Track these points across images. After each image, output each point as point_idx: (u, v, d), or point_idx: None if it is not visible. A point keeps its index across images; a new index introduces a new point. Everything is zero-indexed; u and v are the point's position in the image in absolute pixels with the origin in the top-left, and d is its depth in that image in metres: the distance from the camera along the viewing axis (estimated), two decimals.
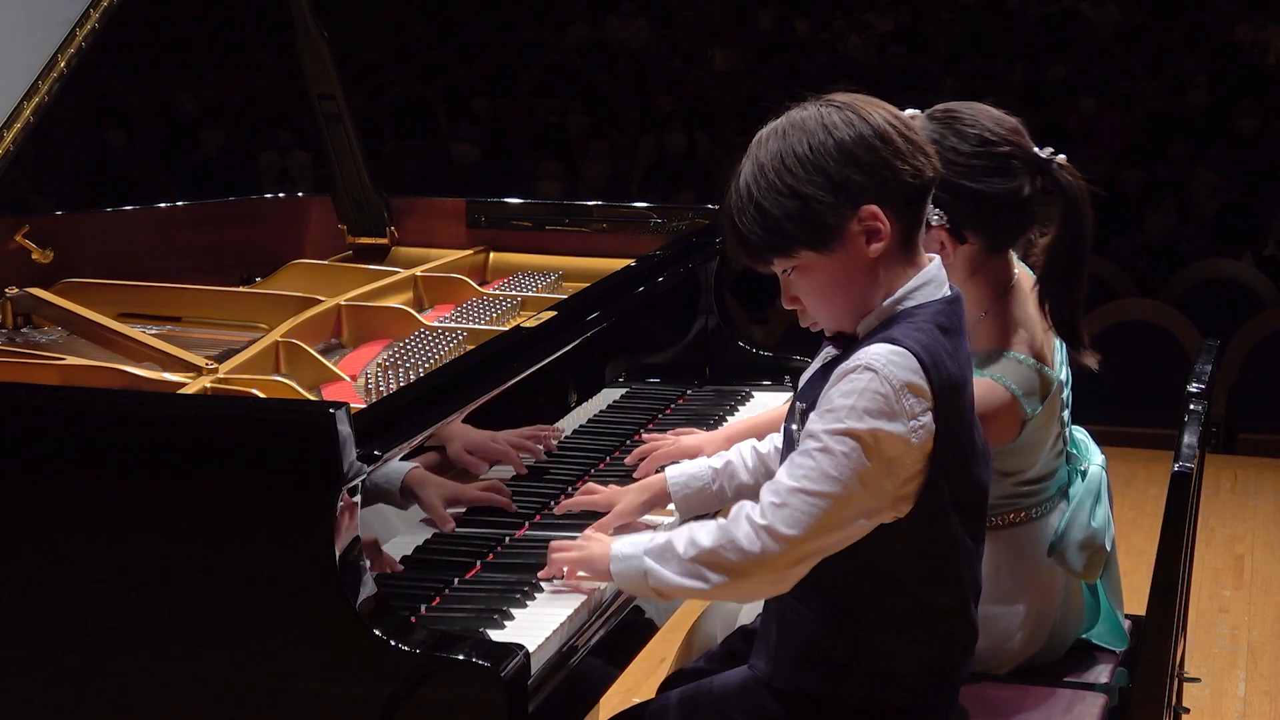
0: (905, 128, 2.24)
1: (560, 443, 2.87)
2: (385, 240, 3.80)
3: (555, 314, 2.87)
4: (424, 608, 2.34)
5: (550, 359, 2.79)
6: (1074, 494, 2.75)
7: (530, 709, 2.15)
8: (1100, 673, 2.79)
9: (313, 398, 2.71)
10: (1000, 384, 2.59)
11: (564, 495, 2.77)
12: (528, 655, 2.15)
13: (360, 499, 2.20)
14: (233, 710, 2.22)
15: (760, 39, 12.58)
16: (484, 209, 3.78)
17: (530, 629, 2.27)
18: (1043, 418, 2.65)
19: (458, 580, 2.44)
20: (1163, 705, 2.59)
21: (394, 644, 2.11)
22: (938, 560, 2.30)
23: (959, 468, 2.26)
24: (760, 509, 2.20)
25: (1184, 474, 2.50)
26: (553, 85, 11.81)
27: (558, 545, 2.43)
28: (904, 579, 2.29)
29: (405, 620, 2.20)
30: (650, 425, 3.15)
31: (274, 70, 12.24)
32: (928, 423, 2.19)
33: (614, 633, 2.43)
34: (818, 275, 2.26)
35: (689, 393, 3.39)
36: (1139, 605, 2.65)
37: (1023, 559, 2.72)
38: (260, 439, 2.19)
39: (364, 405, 2.42)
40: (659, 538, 2.28)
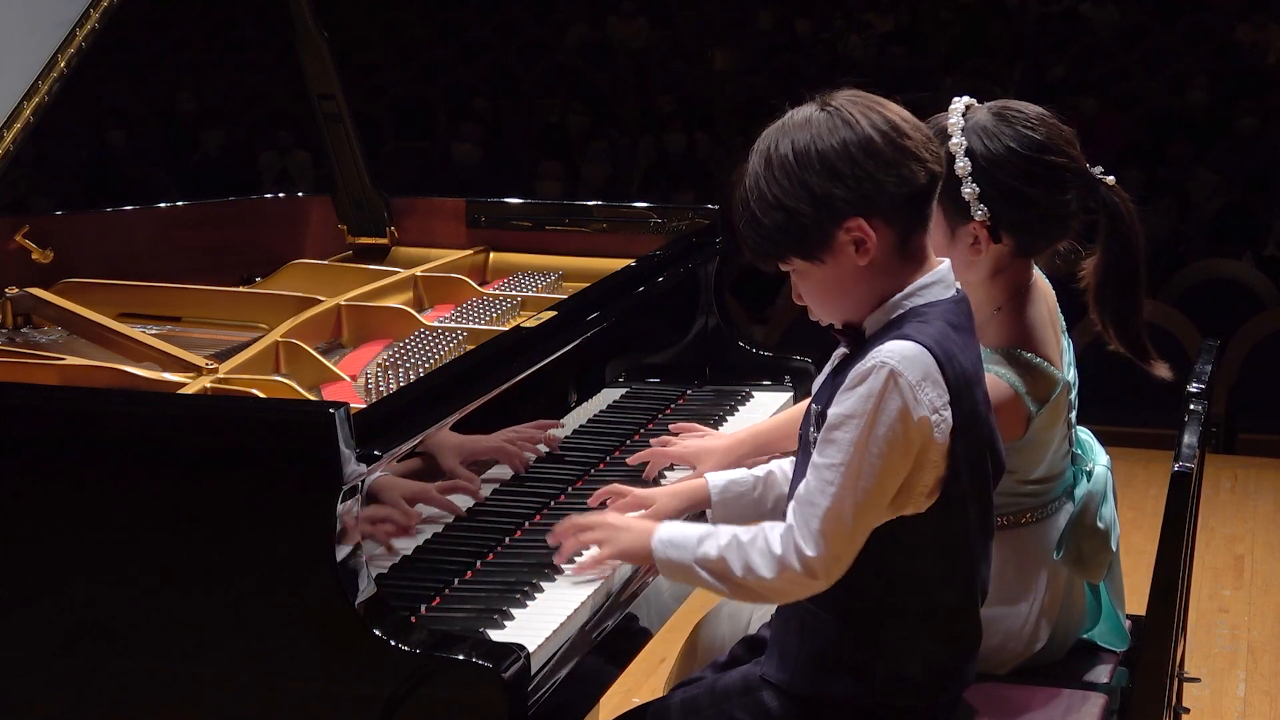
0: (897, 133, 2.23)
1: (560, 443, 2.87)
2: (385, 240, 3.79)
3: (555, 314, 2.87)
4: (424, 608, 2.34)
5: (550, 359, 2.78)
6: (1080, 494, 2.75)
7: (530, 709, 2.15)
8: (1101, 673, 2.79)
9: (313, 398, 2.71)
10: (1004, 380, 2.59)
11: (564, 495, 2.77)
12: (528, 655, 2.15)
13: (360, 499, 2.20)
14: (233, 710, 2.22)
15: (760, 39, 12.57)
16: (484, 209, 3.78)
17: (530, 629, 2.27)
18: (1049, 418, 2.65)
19: (458, 580, 2.44)
20: (1163, 705, 2.59)
21: (394, 644, 2.11)
22: (954, 558, 2.31)
23: (979, 461, 2.29)
24: (797, 519, 2.23)
25: (1184, 474, 2.51)
26: (553, 85, 11.80)
27: (573, 525, 2.43)
28: (922, 578, 2.30)
29: (405, 620, 2.20)
30: (650, 425, 3.15)
31: (274, 70, 12.23)
32: (948, 416, 2.21)
33: (614, 633, 2.43)
34: (812, 280, 2.30)
35: (689, 393, 3.39)
36: (1139, 605, 2.65)
37: (1027, 560, 2.72)
38: (260, 439, 2.19)
39: (364, 405, 2.42)
40: (708, 549, 2.28)
